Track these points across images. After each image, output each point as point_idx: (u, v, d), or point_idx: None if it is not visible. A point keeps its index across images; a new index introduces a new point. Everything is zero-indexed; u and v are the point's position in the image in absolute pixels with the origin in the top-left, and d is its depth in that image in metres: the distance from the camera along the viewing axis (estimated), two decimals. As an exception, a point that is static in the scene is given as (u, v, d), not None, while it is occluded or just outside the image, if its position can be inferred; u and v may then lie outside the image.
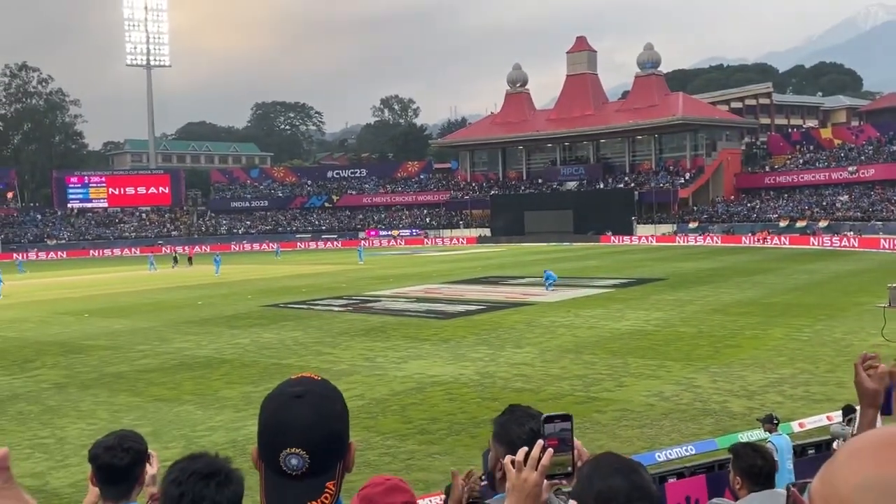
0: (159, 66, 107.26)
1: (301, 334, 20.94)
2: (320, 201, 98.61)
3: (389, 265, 50.28)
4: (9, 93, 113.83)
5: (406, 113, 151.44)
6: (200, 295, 33.31)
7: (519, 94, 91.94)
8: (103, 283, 42.57)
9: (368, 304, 28.04)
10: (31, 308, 30.20)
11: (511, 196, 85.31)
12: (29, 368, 17.19)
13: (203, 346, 19.61)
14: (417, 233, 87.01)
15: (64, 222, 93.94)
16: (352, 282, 37.75)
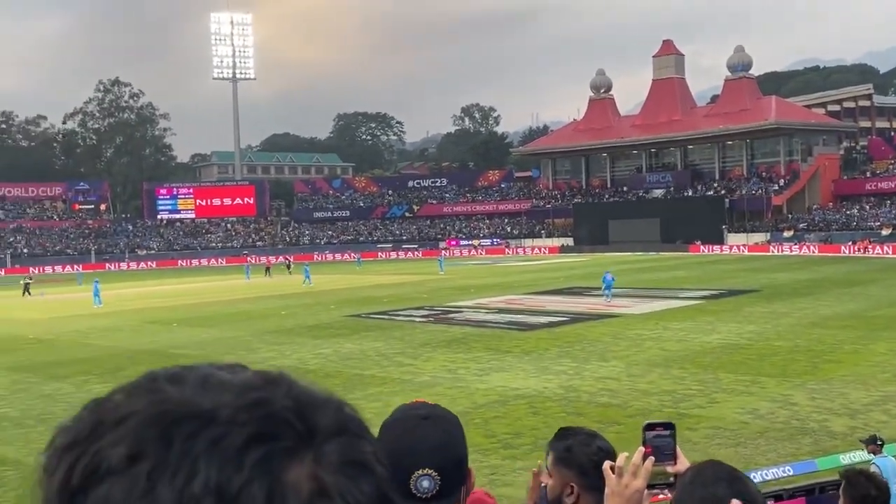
0: (244, 78, 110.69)
1: (383, 345, 21.18)
2: (401, 211, 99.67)
3: (470, 275, 50.34)
4: (102, 108, 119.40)
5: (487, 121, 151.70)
6: (284, 305, 34.09)
7: (603, 99, 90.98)
8: (191, 293, 44.08)
9: (449, 314, 28.13)
10: (124, 317, 31.51)
11: (595, 204, 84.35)
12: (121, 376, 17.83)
13: (287, 355, 20.07)
14: (498, 242, 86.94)
15: (153, 233, 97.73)
16: (433, 292, 37.95)
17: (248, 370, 0.64)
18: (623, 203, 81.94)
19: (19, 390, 16.70)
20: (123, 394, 0.61)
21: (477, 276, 49.83)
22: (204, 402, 0.58)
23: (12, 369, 19.42)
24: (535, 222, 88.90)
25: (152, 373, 0.63)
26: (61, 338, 25.40)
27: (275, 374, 0.64)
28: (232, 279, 55.83)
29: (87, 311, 34.86)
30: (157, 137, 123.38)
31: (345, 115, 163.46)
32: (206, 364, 0.63)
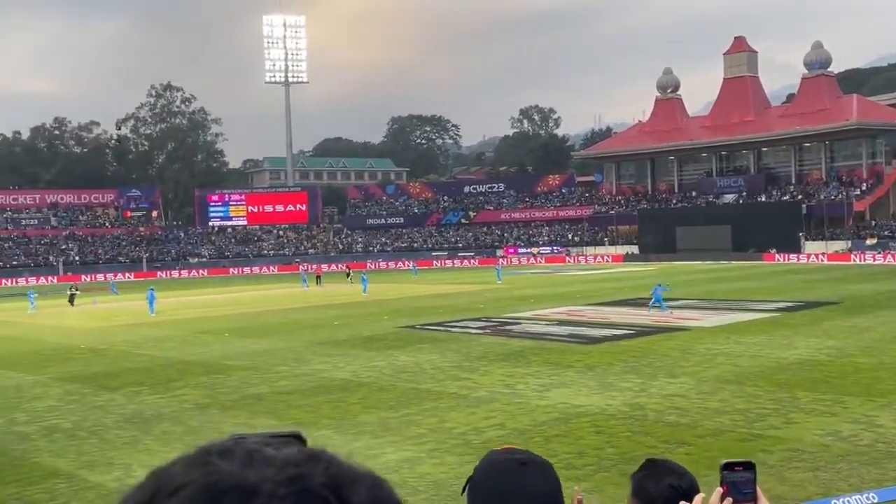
0: (297, 82, 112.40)
1: (438, 357, 21.22)
2: (457, 217, 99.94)
3: (529, 285, 50.17)
4: (154, 113, 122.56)
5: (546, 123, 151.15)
6: (336, 315, 34.44)
7: (670, 100, 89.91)
8: (242, 302, 44.86)
9: (507, 326, 28.05)
10: (175, 327, 32.23)
11: (661, 210, 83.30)
12: (173, 388, 18.33)
13: (340, 367, 20.25)
14: (558, 250, 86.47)
15: (205, 240, 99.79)
16: (490, 302, 37.92)
17: (293, 445, 0.73)
18: (691, 209, 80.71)
19: (72, 401, 17.20)
20: (181, 465, 0.71)
21: (536, 285, 49.62)
22: (249, 475, 0.68)
23: (65, 379, 20.01)
24: (598, 229, 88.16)
25: (205, 447, 0.73)
26: (113, 348, 26.09)
27: (316, 451, 0.73)
28: (285, 287, 56.67)
29: (139, 320, 35.75)
30: (208, 143, 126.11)
31: (399, 119, 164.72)
32: (255, 437, 0.74)
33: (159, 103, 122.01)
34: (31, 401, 17.45)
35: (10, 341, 29.41)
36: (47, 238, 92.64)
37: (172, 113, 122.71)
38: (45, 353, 25.52)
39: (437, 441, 12.83)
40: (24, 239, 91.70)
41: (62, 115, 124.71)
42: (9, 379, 20.51)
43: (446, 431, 13.42)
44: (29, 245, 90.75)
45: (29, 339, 30.02)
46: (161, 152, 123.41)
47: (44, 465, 12.41)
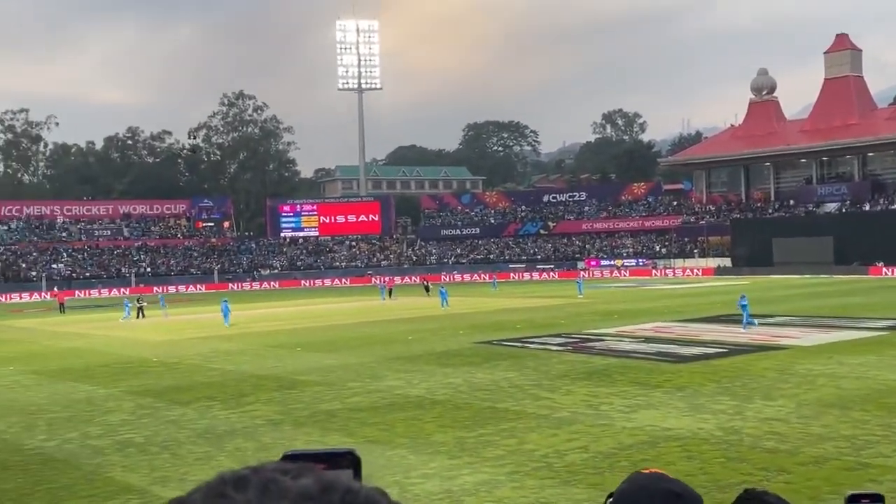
0: (370, 88, 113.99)
1: (516, 375, 21.13)
2: (535, 228, 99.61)
3: (613, 299, 49.59)
4: (226, 122, 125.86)
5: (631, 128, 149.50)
6: (410, 329, 34.66)
7: (765, 102, 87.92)
8: (314, 315, 45.58)
9: (590, 343, 27.79)
10: (247, 340, 32.94)
11: (756, 220, 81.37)
12: (245, 403, 18.71)
13: (414, 384, 20.35)
14: (644, 263, 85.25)
15: (276, 251, 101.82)
16: (571, 318, 37.64)
17: (310, 475, 0.75)
18: (789, 219, 78.61)
19: (144, 415, 17.72)
20: (199, 495, 0.75)
21: (620, 300, 49.03)
22: None
23: (137, 393, 20.64)
24: (687, 240, 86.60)
25: (222, 477, 0.77)
26: (184, 361, 26.81)
27: (333, 480, 0.74)
28: (359, 300, 57.38)
29: (210, 333, 36.66)
30: (280, 152, 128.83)
31: (475, 125, 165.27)
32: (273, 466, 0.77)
33: (231, 112, 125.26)
34: (104, 414, 18.04)
35: (82, 353, 30.51)
36: (120, 249, 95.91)
37: (244, 122, 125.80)
38: (118, 365, 26.39)
39: (517, 463, 12.76)
40: (97, 250, 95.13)
41: (135, 125, 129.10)
42: (82, 392, 21.27)
43: (526, 453, 13.33)
44: (102, 256, 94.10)
45: (101, 351, 31.09)
46: (233, 162, 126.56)
47: (117, 481, 12.81)
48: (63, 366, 26.75)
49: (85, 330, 41.37)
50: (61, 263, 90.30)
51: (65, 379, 23.64)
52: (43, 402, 19.89)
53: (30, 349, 32.81)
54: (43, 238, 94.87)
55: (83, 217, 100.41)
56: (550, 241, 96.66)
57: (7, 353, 31.32)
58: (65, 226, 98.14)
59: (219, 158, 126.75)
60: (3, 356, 30.35)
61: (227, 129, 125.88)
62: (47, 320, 50.15)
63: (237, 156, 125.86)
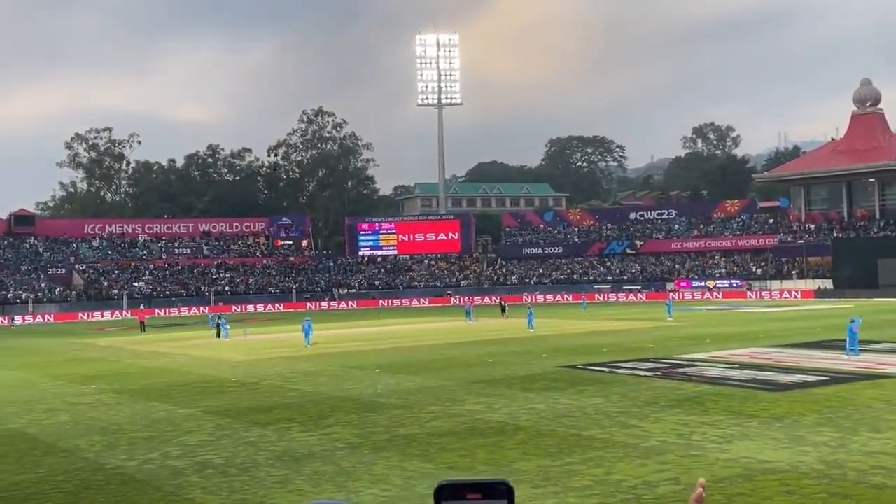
0: (450, 103, 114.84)
1: (603, 402, 20.88)
2: (621, 247, 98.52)
3: (704, 322, 48.66)
4: (305, 139, 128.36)
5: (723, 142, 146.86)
6: (490, 352, 34.62)
7: (869, 114, 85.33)
8: (392, 336, 45.95)
9: (681, 368, 27.30)
10: (325, 361, 33.39)
11: (859, 240, 78.81)
12: (324, 425, 18.95)
13: (496, 409, 20.29)
14: (738, 284, 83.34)
15: (354, 270, 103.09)
16: (660, 341, 37.06)
17: None
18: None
19: (223, 436, 18.11)
20: None
21: (712, 323, 48.07)
22: None
23: (216, 414, 21.12)
24: (784, 261, 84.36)
25: None
26: (263, 381, 27.33)
27: None
28: (438, 321, 57.60)
29: (289, 352, 37.31)
30: (359, 169, 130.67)
31: (558, 141, 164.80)
32: None
33: (311, 129, 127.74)
34: (183, 434, 18.51)
35: (163, 373, 31.41)
36: (199, 267, 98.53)
37: (323, 139, 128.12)
38: (197, 385, 27.07)
39: (604, 494, 12.59)
40: (177, 268, 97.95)
41: (216, 143, 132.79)
42: (163, 411, 21.88)
43: (614, 484, 13.15)
44: (181, 274, 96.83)
45: (181, 370, 31.95)
46: (312, 179, 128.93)
47: (196, 503, 13.11)
48: (144, 385, 27.58)
49: (165, 349, 42.58)
50: (142, 281, 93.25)
51: (145, 398, 24.36)
52: (124, 421, 20.53)
53: (112, 368, 33.93)
54: (125, 256, 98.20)
55: (164, 235, 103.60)
56: (638, 261, 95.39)
57: (89, 372, 32.46)
58: (146, 244, 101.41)
59: (298, 176, 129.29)
60: (86, 374, 31.46)
61: (306, 147, 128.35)
62: (128, 339, 51.80)
63: (316, 173, 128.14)
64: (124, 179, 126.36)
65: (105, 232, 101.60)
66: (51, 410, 22.68)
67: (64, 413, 22.13)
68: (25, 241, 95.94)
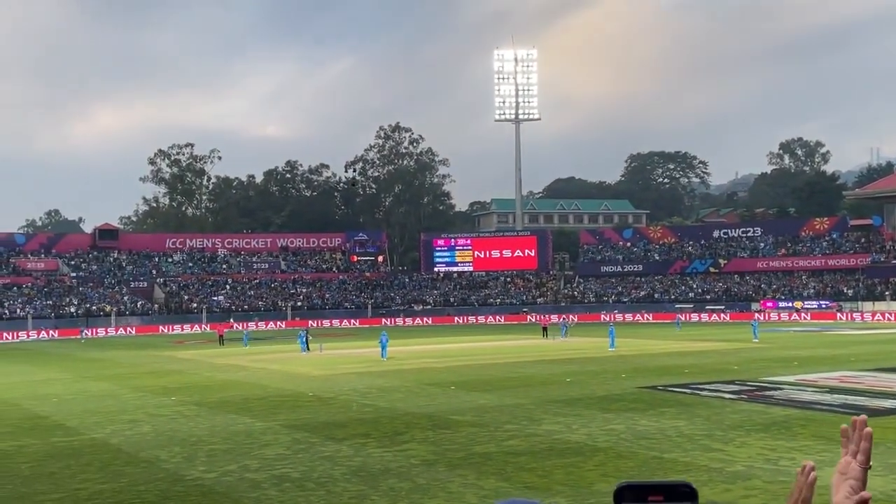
0: (528, 119, 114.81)
1: (685, 424, 20.54)
2: (704, 266, 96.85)
3: (792, 345, 47.52)
4: (382, 154, 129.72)
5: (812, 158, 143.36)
6: (569, 371, 34.38)
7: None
8: (468, 353, 46.00)
9: (767, 392, 26.72)
10: (401, 377, 33.61)
11: (958, 259, 75.76)
12: (399, 441, 19.07)
13: (574, 429, 20.13)
14: (828, 305, 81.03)
15: (430, 286, 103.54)
16: (745, 363, 36.34)
17: None
18: None
19: (300, 450, 18.37)
20: None
21: (800, 345, 46.89)
22: None
23: (293, 427, 21.44)
24: (877, 281, 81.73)
25: None
26: (339, 396, 27.65)
27: None
28: (514, 338, 57.47)
29: (365, 368, 37.68)
30: (435, 185, 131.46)
31: (638, 156, 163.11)
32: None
33: (387, 145, 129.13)
34: (261, 448, 18.84)
35: (241, 386, 32.03)
36: (277, 282, 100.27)
37: (400, 154, 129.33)
38: (275, 399, 27.53)
39: (687, 519, 12.34)
40: (255, 282, 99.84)
41: (294, 159, 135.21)
42: (241, 424, 22.30)
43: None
44: (260, 289, 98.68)
45: (258, 384, 32.53)
46: (388, 195, 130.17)
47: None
48: (222, 398, 28.16)
49: (244, 362, 43.42)
50: (221, 295, 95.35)
51: (224, 411, 24.87)
52: (203, 433, 20.99)
53: (191, 380, 34.75)
54: (204, 270, 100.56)
55: (243, 250, 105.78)
56: (721, 280, 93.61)
57: (170, 384, 33.31)
58: (225, 258, 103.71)
59: (374, 192, 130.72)
60: (166, 387, 32.29)
61: (383, 162, 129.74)
62: (207, 352, 52.99)
63: (392, 189, 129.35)
64: (205, 195, 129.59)
65: (186, 246, 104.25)
66: (133, 421, 23.33)
67: (145, 424, 22.75)
68: (109, 255, 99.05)
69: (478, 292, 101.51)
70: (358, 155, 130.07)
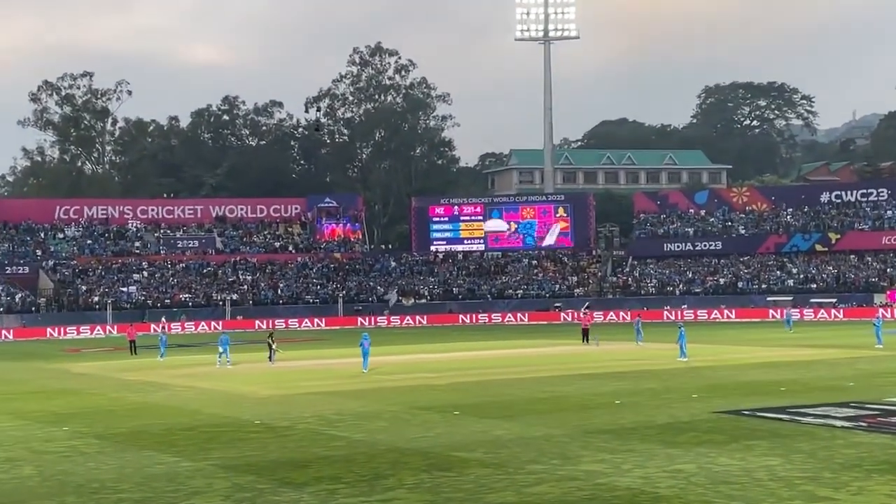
0: (562, 37, 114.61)
1: (780, 462, 20.60)
2: (808, 242, 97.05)
3: (931, 352, 47.56)
4: (357, 88, 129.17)
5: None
6: (619, 389, 34.41)
7: None
8: (479, 365, 46.04)
9: (892, 417, 26.86)
10: (383, 398, 33.61)
11: None
12: (381, 488, 19.08)
13: (624, 471, 20.16)
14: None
15: (425, 272, 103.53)
16: (864, 378, 36.46)
17: None
18: None
19: (244, 500, 18.38)
20: None
21: (942, 353, 46.92)
22: None
23: (234, 469, 21.45)
24: None
25: None
26: (298, 425, 27.67)
27: None
28: (544, 345, 57.38)
29: (333, 386, 37.68)
30: (431, 130, 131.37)
31: (716, 89, 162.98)
32: None
33: (364, 74, 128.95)
34: (189, 497, 18.84)
35: (161, 411, 32.05)
36: (211, 267, 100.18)
37: (382, 88, 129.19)
38: (208, 429, 27.54)
39: None
40: (181, 267, 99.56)
41: (233, 94, 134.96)
42: (161, 464, 22.32)
43: (797, 581, 12.94)
44: (187, 276, 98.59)
45: (186, 408, 32.55)
46: (366, 145, 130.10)
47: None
48: (135, 427, 28.17)
49: (164, 379, 43.43)
50: (133, 286, 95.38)
51: (137, 446, 24.88)
52: (108, 477, 20.99)
53: (92, 403, 34.76)
54: (109, 251, 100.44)
55: (163, 221, 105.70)
56: (832, 262, 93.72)
57: (61, 408, 33.31)
58: (139, 234, 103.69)
59: (346, 140, 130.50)
60: (57, 412, 32.29)
61: (357, 99, 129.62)
62: (114, 364, 52.94)
63: (371, 136, 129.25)
64: (109, 145, 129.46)
65: (83, 217, 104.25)
66: (9, 461, 23.34)
67: (27, 465, 22.75)
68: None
69: (491, 281, 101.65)
70: (323, 88, 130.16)
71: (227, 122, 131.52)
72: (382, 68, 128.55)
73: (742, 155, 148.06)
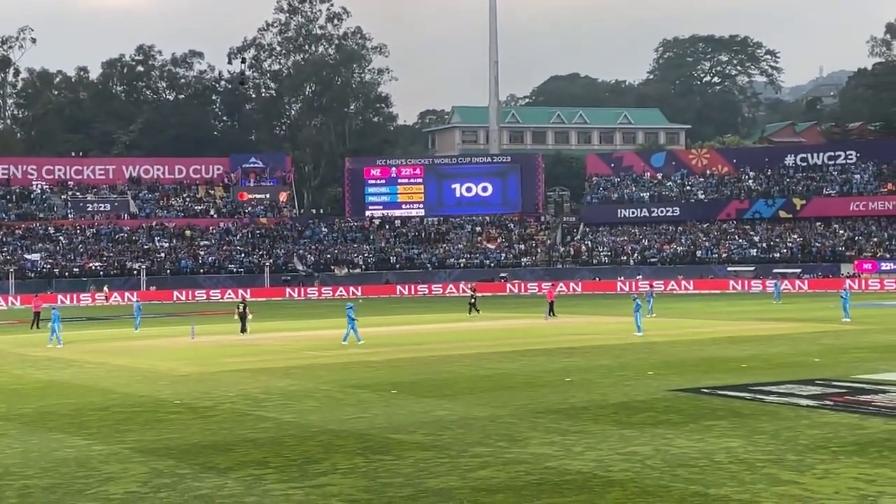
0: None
1: (741, 444, 20.82)
2: (771, 208, 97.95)
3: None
4: (285, 37, 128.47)
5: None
6: (570, 365, 34.62)
7: None
8: (419, 340, 46.15)
9: (862, 396, 27.22)
10: (314, 376, 33.58)
11: None
12: (313, 473, 19.06)
13: (576, 454, 20.29)
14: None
15: (359, 239, 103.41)
16: (829, 354, 36.90)
17: None
18: None
19: (163, 486, 18.29)
20: None
21: (912, 327, 47.66)
22: None
23: (151, 452, 21.34)
24: None
25: None
26: (221, 405, 27.57)
27: None
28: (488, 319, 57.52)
29: (260, 363, 37.57)
30: (367, 85, 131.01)
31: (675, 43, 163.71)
32: None
33: (293, 23, 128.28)
34: (103, 483, 18.71)
35: (70, 390, 31.77)
36: (124, 232, 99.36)
37: (313, 38, 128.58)
38: (122, 409, 27.36)
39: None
40: (91, 232, 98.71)
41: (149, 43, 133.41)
42: (71, 448, 22.13)
43: (759, 570, 13.13)
44: (98, 242, 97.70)
45: (98, 387, 32.29)
46: (295, 100, 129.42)
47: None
48: (41, 408, 27.90)
49: (73, 354, 43.04)
50: (37, 253, 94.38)
51: (44, 428, 24.66)
52: (12, 461, 20.79)
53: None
54: (11, 214, 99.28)
55: (71, 181, 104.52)
56: (797, 230, 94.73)
57: (-40, 387, 32.92)
58: (44, 196, 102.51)
59: (273, 94, 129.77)
60: (-45, 391, 31.92)
61: (286, 50, 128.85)
62: (16, 338, 52.37)
63: (301, 90, 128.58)
64: (11, 97, 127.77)
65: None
66: None
67: (-77, 448, 22.50)
68: None
69: (432, 248, 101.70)
70: (248, 38, 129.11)
71: (142, 73, 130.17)
72: (313, 16, 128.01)
73: (702, 114, 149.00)
